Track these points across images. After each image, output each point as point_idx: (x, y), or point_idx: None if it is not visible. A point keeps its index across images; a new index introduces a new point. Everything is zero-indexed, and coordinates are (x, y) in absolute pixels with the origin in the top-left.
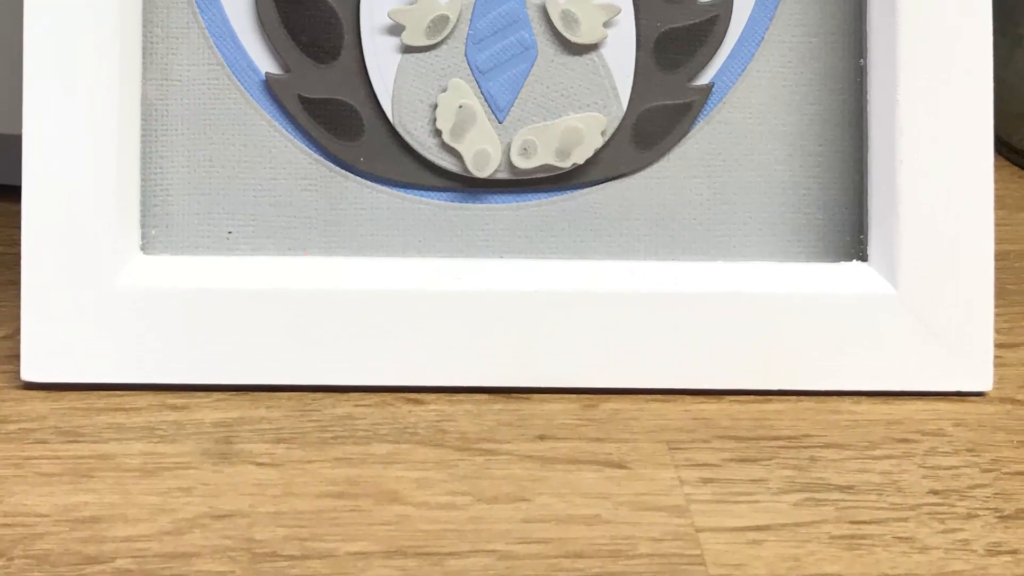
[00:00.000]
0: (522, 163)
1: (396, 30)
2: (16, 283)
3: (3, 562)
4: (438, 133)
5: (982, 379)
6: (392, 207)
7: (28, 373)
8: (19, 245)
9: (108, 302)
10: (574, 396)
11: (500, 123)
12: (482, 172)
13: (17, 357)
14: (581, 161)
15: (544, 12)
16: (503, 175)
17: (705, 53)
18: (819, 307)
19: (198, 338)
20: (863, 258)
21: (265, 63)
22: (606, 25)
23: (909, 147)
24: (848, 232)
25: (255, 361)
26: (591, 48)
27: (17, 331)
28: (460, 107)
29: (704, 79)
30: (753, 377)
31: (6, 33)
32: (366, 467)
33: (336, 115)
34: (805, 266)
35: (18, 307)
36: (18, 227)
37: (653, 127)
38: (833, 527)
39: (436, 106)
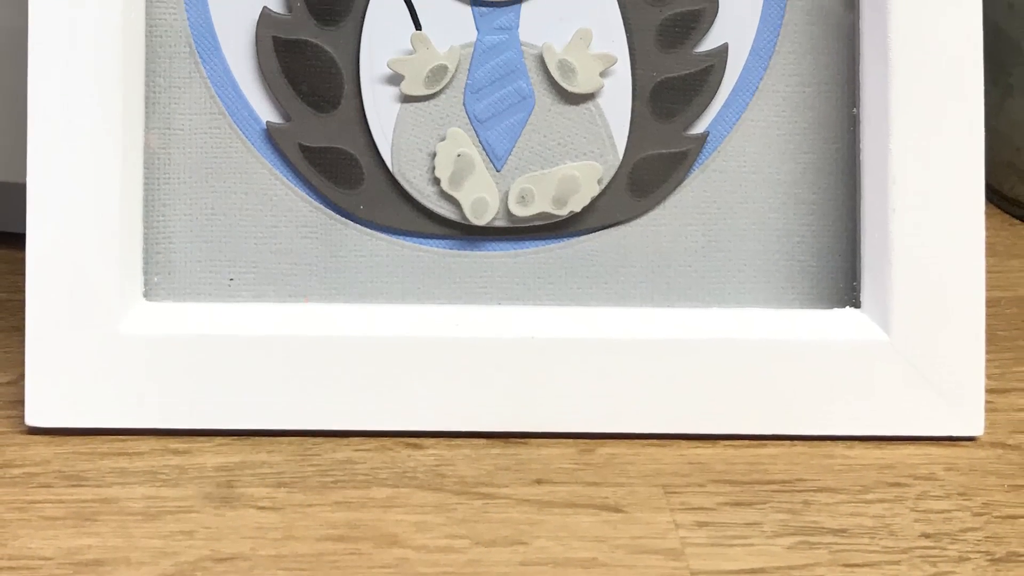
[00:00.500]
0: (520, 211)
1: (395, 80)
2: (20, 329)
3: None
4: (437, 181)
5: (973, 424)
6: (391, 254)
7: (32, 418)
8: (23, 292)
9: (111, 348)
10: (571, 441)
11: (498, 171)
12: (480, 220)
13: (22, 402)
14: (578, 209)
15: (541, 62)
16: (501, 223)
17: (700, 103)
18: (813, 353)
19: (200, 383)
20: (856, 304)
21: (266, 112)
22: (603, 75)
23: (901, 195)
24: (841, 279)
25: (256, 406)
26: (588, 97)
27: (22, 376)
28: (458, 156)
29: (699, 128)
30: (748, 422)
31: (11, 83)
32: (366, 511)
33: (336, 163)
34: (799, 312)
35: (22, 353)
36: (22, 274)
37: (649, 175)
38: (827, 570)
39: (435, 154)
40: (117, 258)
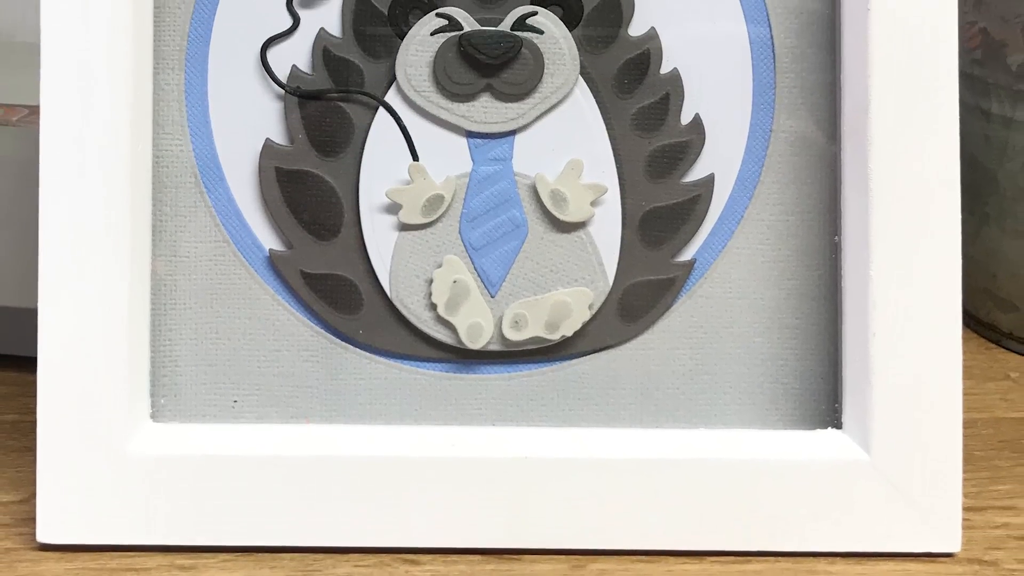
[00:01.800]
0: (513, 335)
1: (394, 208)
2: (32, 450)
3: None
4: (433, 307)
5: (951, 541)
6: (390, 377)
7: (43, 535)
8: (35, 413)
9: (120, 467)
10: (563, 557)
11: (492, 297)
12: (475, 344)
13: (33, 520)
14: (569, 333)
15: (534, 192)
16: (495, 347)
17: (688, 231)
18: (796, 472)
19: (205, 502)
20: (838, 425)
21: (269, 240)
22: (593, 204)
23: (882, 320)
24: (823, 401)
25: (259, 523)
26: (579, 226)
27: (33, 495)
28: (454, 282)
29: (687, 255)
30: (734, 539)
31: (22, 211)
32: None
33: (336, 290)
34: (782, 433)
35: (34, 472)
36: (34, 396)
37: (638, 301)
38: None
39: (432, 281)
40: (125, 381)
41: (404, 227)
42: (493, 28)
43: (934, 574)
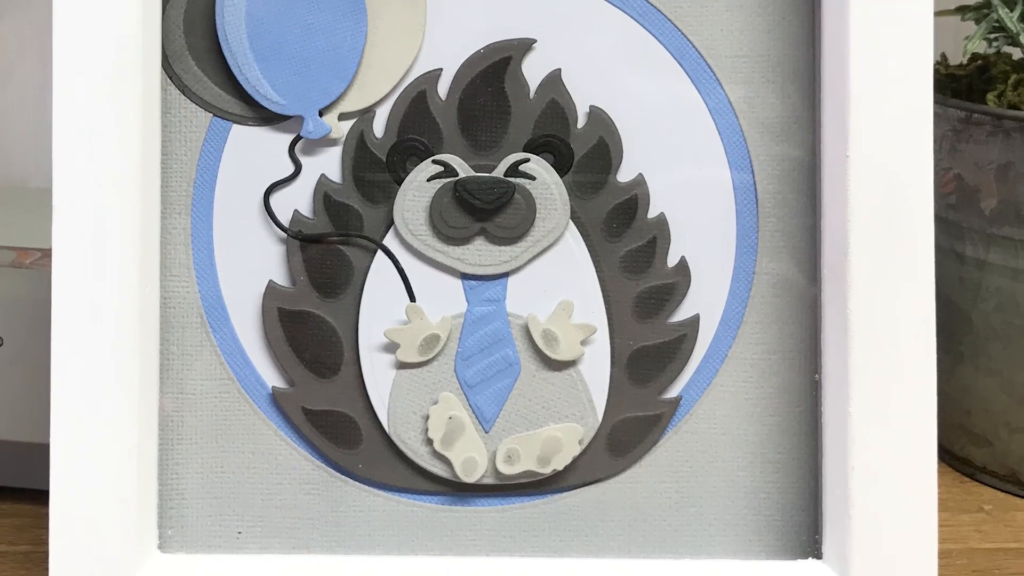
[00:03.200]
0: (507, 469)
1: (391, 348)
2: None
3: None
4: (430, 442)
5: None
6: (388, 509)
7: None
8: (46, 545)
9: None
10: None
11: (486, 433)
12: (470, 478)
13: None
14: (560, 467)
15: (527, 331)
16: (489, 480)
17: (674, 369)
18: None
19: None
20: (818, 556)
21: (272, 378)
22: (583, 343)
23: (860, 455)
24: (804, 532)
25: None
26: (570, 364)
27: None
28: (450, 418)
29: (673, 392)
30: None
31: (35, 351)
32: None
33: (337, 425)
34: (765, 563)
35: None
36: (46, 528)
37: (626, 436)
38: None
39: (428, 417)
40: (134, 513)
41: (402, 365)
42: (487, 174)
43: None
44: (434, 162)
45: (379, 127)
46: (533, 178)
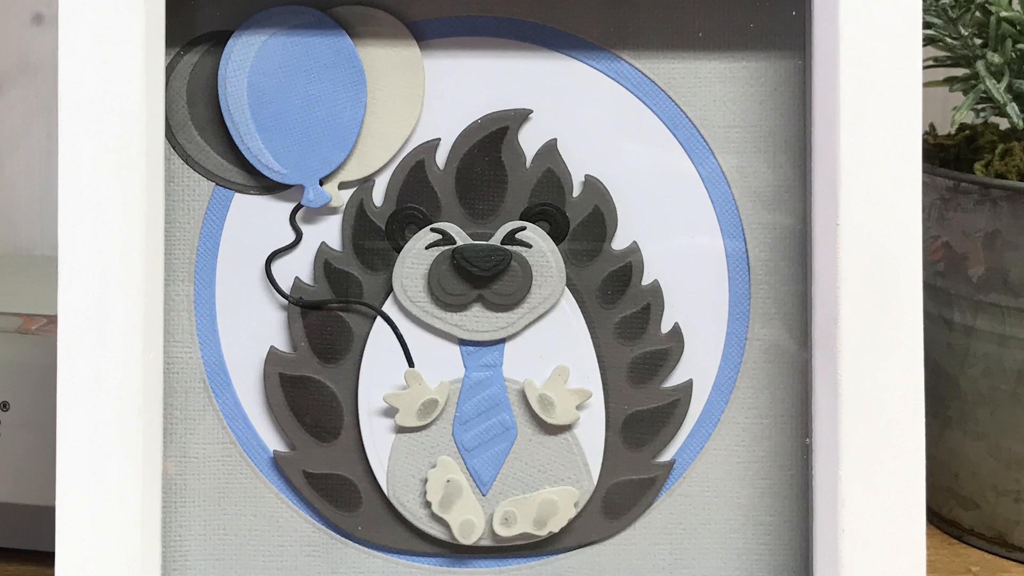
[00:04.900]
0: (503, 531)
1: (391, 412)
2: None
3: None
4: (428, 505)
5: None
6: (387, 571)
7: None
8: None
9: None
10: None
11: (484, 495)
12: (467, 540)
13: None
14: (556, 530)
15: (523, 396)
16: (486, 542)
17: (668, 433)
18: None
19: None
20: None
21: (273, 441)
22: (579, 408)
23: (850, 518)
24: None
25: None
26: (565, 428)
27: None
28: (448, 481)
29: (666, 456)
30: None
31: (40, 415)
32: None
33: (337, 489)
34: None
35: None
36: None
37: (621, 499)
38: None
39: (426, 480)
40: (138, 575)
41: (401, 429)
42: (484, 242)
43: None
44: (432, 230)
45: (378, 196)
46: (529, 246)
